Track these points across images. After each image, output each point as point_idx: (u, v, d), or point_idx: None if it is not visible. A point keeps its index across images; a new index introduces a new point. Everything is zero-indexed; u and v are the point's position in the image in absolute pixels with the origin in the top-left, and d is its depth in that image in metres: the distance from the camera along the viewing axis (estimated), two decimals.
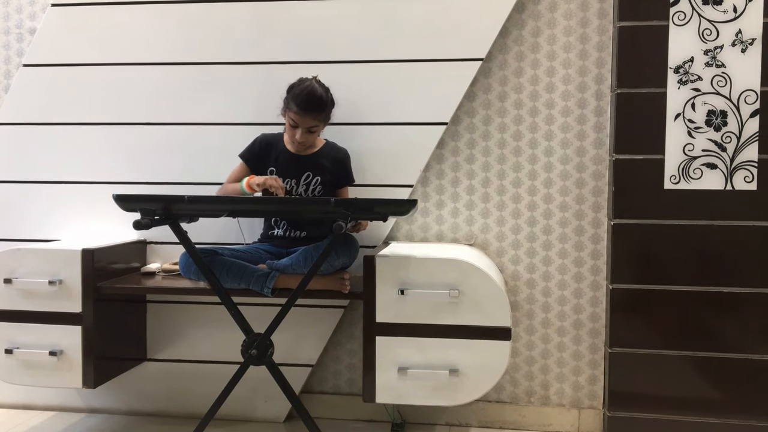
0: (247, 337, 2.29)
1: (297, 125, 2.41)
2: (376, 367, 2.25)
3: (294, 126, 2.42)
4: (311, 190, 2.52)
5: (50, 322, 2.39)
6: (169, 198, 2.19)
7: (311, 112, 2.39)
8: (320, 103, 2.40)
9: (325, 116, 2.45)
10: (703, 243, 2.44)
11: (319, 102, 2.39)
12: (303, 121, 2.40)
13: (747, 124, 2.41)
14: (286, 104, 2.42)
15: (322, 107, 2.41)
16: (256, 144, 2.57)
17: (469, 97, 2.66)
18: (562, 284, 2.66)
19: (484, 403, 2.71)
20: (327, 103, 2.42)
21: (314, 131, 2.44)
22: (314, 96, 2.38)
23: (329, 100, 2.44)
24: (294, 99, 2.38)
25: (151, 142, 2.76)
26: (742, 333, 2.43)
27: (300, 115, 2.39)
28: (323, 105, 2.41)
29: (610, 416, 2.52)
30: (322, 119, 2.44)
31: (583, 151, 2.63)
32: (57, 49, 2.78)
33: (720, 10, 2.40)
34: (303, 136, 2.43)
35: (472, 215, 2.69)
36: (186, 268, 2.42)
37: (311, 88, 2.39)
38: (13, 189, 2.83)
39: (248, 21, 2.69)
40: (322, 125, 2.47)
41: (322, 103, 2.40)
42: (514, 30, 2.63)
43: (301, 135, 2.42)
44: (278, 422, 2.76)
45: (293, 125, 2.42)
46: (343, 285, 2.31)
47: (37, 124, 2.81)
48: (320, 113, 2.41)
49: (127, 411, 2.82)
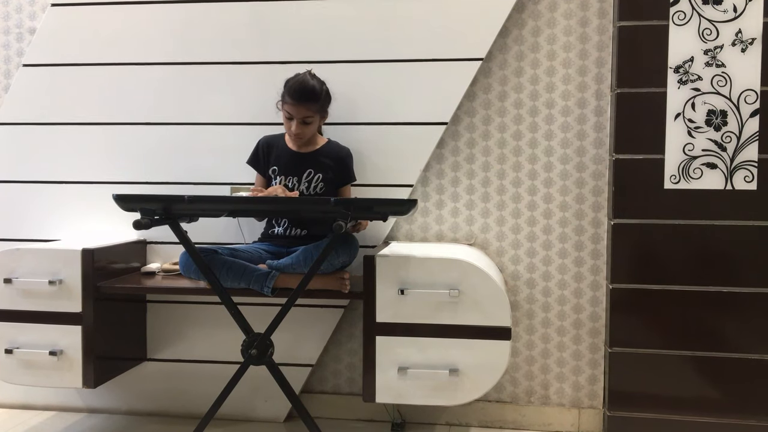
0: (247, 336, 2.29)
1: (292, 116, 2.44)
2: (376, 366, 2.25)
3: (289, 118, 2.46)
4: (313, 188, 2.52)
5: (50, 321, 2.39)
6: (169, 198, 2.19)
7: (304, 102, 2.42)
8: (313, 93, 2.43)
9: (320, 107, 2.47)
10: (703, 243, 2.44)
11: (312, 92, 2.43)
12: (297, 112, 2.43)
13: (747, 123, 2.41)
14: (282, 97, 2.46)
15: (316, 97, 2.44)
16: (258, 148, 2.59)
17: (469, 97, 2.66)
18: (562, 284, 2.66)
19: (484, 402, 2.71)
20: (320, 94, 2.46)
21: (309, 122, 2.46)
22: (306, 86, 2.43)
23: (323, 91, 2.48)
24: (288, 91, 2.44)
25: (151, 142, 2.76)
26: (742, 333, 2.43)
27: (294, 106, 2.42)
28: (316, 95, 2.44)
29: (610, 416, 2.52)
30: (315, 110, 2.46)
31: (583, 150, 2.63)
32: (57, 48, 2.78)
33: (720, 9, 2.40)
34: (299, 128, 2.45)
35: (472, 215, 2.69)
36: (186, 268, 2.42)
37: (303, 79, 2.45)
38: (14, 189, 2.83)
39: (249, 21, 2.69)
40: (317, 117, 2.48)
41: (315, 93, 2.44)
42: (514, 29, 2.63)
43: (296, 126, 2.44)
44: (278, 422, 2.76)
45: (289, 117, 2.46)
46: (343, 284, 2.31)
47: (37, 124, 2.81)
48: (313, 103, 2.44)
49: (127, 411, 2.82)
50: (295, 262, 2.32)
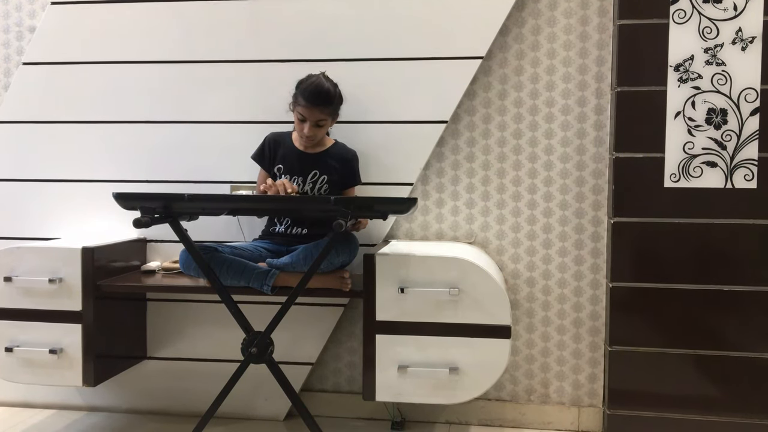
0: (247, 335, 2.29)
1: (305, 119, 2.43)
2: (376, 365, 2.25)
3: (302, 120, 2.44)
4: (318, 189, 2.52)
5: (50, 320, 2.39)
6: (169, 196, 2.19)
7: (318, 106, 2.41)
8: (328, 97, 2.42)
9: (333, 110, 2.47)
10: (703, 241, 2.44)
11: (327, 95, 2.42)
12: (311, 115, 2.41)
13: (747, 122, 2.41)
14: (295, 99, 2.44)
15: (330, 101, 2.43)
16: (265, 144, 2.58)
17: (469, 95, 2.66)
18: (562, 282, 2.66)
19: (484, 401, 2.71)
20: (334, 97, 2.45)
21: (322, 125, 2.45)
22: (322, 89, 2.41)
23: (337, 94, 2.47)
24: (302, 93, 2.41)
25: (152, 141, 2.76)
26: (742, 331, 2.43)
27: (308, 109, 2.41)
28: (331, 98, 2.43)
29: (609, 414, 2.52)
30: (329, 113, 2.45)
31: (583, 149, 2.63)
32: (57, 47, 2.78)
33: (720, 8, 2.40)
34: (311, 130, 2.44)
35: (472, 213, 2.69)
36: (186, 266, 2.42)
37: (319, 82, 2.42)
38: (14, 187, 2.83)
39: (249, 19, 2.69)
40: (330, 120, 2.48)
41: (329, 97, 2.42)
42: (514, 28, 2.63)
43: (309, 129, 2.43)
44: (278, 420, 2.76)
45: (301, 119, 2.44)
46: (343, 283, 2.31)
47: (36, 122, 2.81)
48: (327, 107, 2.43)
49: (128, 409, 2.82)
50: (295, 261, 2.32)
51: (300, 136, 2.51)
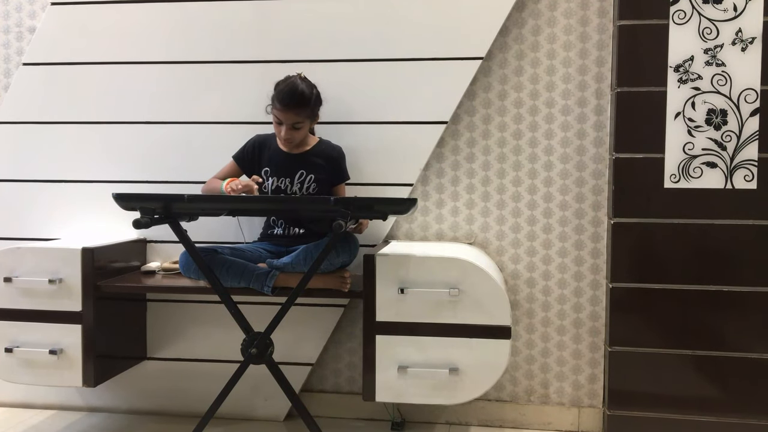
0: (247, 335, 2.29)
1: (281, 122, 2.42)
2: (376, 365, 2.25)
3: (279, 123, 2.44)
4: (305, 189, 2.52)
5: (50, 320, 2.39)
6: (168, 197, 2.19)
7: (293, 108, 2.40)
8: (301, 99, 2.40)
9: (310, 113, 2.45)
10: (703, 242, 2.44)
11: (300, 98, 2.39)
12: (286, 117, 2.41)
13: (747, 122, 2.41)
14: (271, 101, 2.44)
15: (304, 103, 2.41)
16: (249, 145, 2.58)
17: (469, 96, 2.66)
18: (562, 283, 2.66)
19: (484, 401, 2.71)
20: (309, 99, 2.42)
21: (299, 128, 2.44)
22: (295, 92, 2.39)
23: (313, 96, 2.44)
24: (276, 96, 2.41)
25: (151, 141, 2.76)
26: (742, 331, 2.43)
27: (282, 111, 2.40)
28: (305, 101, 2.41)
29: (609, 415, 2.52)
30: (305, 115, 2.43)
31: (583, 149, 2.63)
32: (57, 47, 2.78)
33: (720, 8, 2.40)
34: (288, 133, 2.43)
35: (472, 214, 2.69)
36: (186, 267, 2.42)
37: (293, 84, 2.41)
38: (13, 188, 2.83)
39: (247, 19, 2.69)
40: (306, 122, 2.46)
41: (303, 99, 2.40)
42: (514, 28, 2.63)
43: (285, 131, 2.43)
44: (278, 421, 2.76)
45: (278, 122, 2.44)
46: (343, 283, 2.31)
47: (36, 122, 2.81)
48: (302, 109, 2.41)
49: (128, 410, 2.82)
50: (295, 261, 2.32)
51: (279, 139, 2.50)
